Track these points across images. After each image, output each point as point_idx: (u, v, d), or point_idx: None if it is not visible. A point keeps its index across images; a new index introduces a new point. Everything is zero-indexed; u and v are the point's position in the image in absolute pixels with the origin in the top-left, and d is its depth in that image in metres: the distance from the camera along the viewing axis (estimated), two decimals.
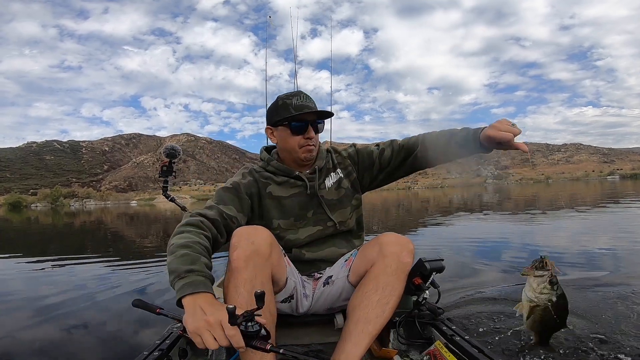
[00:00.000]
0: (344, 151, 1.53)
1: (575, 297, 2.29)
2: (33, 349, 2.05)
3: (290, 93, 1.38)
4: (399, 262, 1.22)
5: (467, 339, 1.22)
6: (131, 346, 2.00)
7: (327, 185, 1.43)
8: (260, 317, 0.89)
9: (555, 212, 9.49)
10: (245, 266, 1.05)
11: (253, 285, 1.04)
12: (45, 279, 4.07)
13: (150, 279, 3.67)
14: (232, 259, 1.07)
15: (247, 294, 1.03)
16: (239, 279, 1.05)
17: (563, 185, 50.98)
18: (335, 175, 1.47)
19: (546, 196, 19.18)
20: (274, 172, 1.40)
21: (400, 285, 1.23)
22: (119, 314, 2.59)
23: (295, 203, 1.39)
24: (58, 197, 75.51)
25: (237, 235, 1.11)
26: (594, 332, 1.82)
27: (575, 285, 2.60)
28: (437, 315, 1.38)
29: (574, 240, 4.93)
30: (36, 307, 2.85)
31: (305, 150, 1.36)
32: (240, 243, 1.08)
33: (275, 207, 1.37)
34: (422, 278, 1.34)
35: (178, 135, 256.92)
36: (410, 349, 1.38)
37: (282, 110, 1.34)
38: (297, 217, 1.38)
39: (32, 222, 18.56)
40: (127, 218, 18.46)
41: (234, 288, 1.05)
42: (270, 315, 1.07)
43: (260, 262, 1.07)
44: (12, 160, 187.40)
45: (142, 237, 8.79)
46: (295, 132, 1.34)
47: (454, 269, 3.51)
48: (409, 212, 13.44)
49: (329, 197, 1.43)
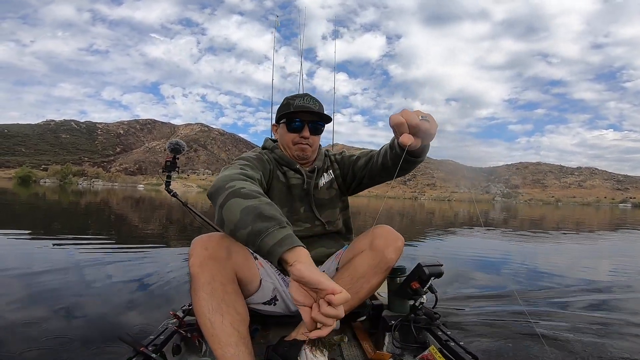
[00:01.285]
0: (333, 156, 1.64)
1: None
2: (20, 331, 1.94)
3: (297, 95, 1.49)
4: (382, 257, 1.26)
5: (461, 345, 1.23)
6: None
7: (319, 184, 1.52)
8: (230, 316, 1.03)
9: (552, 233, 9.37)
10: (202, 271, 1.08)
11: (212, 287, 1.07)
12: (42, 257, 4.02)
13: (149, 265, 3.66)
14: (189, 266, 1.11)
15: (208, 297, 1.06)
16: (198, 284, 1.08)
17: (572, 209, 50.27)
18: (328, 176, 1.56)
19: (553, 219, 18.90)
20: (278, 160, 1.49)
21: (376, 279, 1.28)
22: (114, 303, 2.51)
23: (291, 195, 1.47)
24: (67, 175, 76.29)
25: (193, 243, 1.14)
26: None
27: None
28: (434, 320, 1.38)
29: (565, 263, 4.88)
30: (29, 286, 2.79)
31: (298, 149, 1.46)
32: (195, 251, 1.11)
33: (278, 191, 1.45)
34: (420, 283, 1.36)
35: (192, 124, 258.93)
36: (405, 353, 1.38)
37: (283, 109, 1.48)
38: (290, 208, 1.46)
39: (39, 198, 18.80)
40: (132, 201, 18.64)
41: (195, 292, 1.08)
42: (238, 314, 1.08)
43: (216, 265, 1.09)
44: (29, 136, 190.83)
45: (145, 222, 8.88)
46: (291, 129, 1.45)
47: (454, 276, 3.52)
48: (412, 221, 13.38)
49: (320, 196, 1.52)
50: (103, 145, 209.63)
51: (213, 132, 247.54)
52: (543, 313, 2.49)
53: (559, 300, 2.81)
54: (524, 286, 3.31)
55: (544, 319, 2.37)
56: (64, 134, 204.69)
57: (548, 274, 3.94)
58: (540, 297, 2.91)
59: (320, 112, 1.45)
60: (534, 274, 3.91)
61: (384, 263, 1.27)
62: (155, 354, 1.12)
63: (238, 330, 1.05)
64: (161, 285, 2.97)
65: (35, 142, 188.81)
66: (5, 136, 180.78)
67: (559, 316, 2.43)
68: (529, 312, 2.50)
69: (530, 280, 3.57)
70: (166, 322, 1.37)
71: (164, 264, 3.76)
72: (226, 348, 1.02)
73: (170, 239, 6.08)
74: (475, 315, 2.38)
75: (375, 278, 1.27)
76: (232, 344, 1.03)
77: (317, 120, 1.46)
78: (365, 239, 1.32)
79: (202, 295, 1.06)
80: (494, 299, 2.81)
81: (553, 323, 2.26)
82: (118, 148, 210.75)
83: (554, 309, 2.58)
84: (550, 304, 2.73)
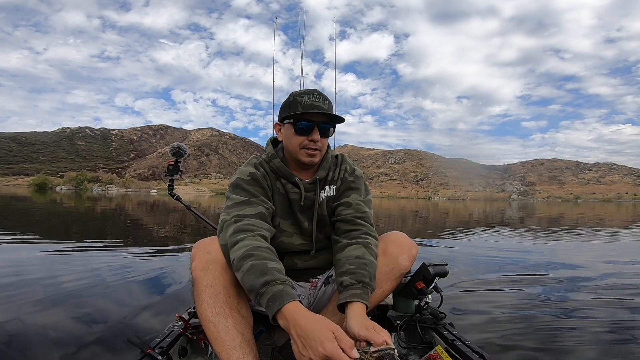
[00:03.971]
0: (343, 170, 1.41)
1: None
2: (39, 333, 1.99)
3: (304, 90, 1.29)
4: (396, 264, 1.25)
5: (468, 344, 1.22)
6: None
7: (322, 197, 1.35)
8: (233, 319, 1.04)
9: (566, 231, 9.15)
10: (204, 275, 1.08)
11: (215, 290, 1.07)
12: (61, 261, 4.10)
13: (164, 269, 3.69)
14: (191, 269, 1.11)
15: (210, 300, 1.06)
16: (200, 287, 1.08)
17: (592, 205, 49.06)
18: (329, 190, 1.37)
19: (571, 216, 18.48)
20: (275, 172, 1.34)
21: (389, 285, 1.26)
22: (122, 305, 2.55)
23: (292, 209, 1.34)
24: (82, 181, 77.96)
25: (195, 246, 1.14)
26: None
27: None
28: (439, 319, 1.37)
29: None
30: (49, 291, 2.82)
31: (306, 153, 1.27)
32: (197, 254, 1.12)
33: (281, 204, 1.34)
34: (425, 282, 1.35)
35: (203, 129, 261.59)
36: (411, 353, 1.37)
37: (290, 107, 1.27)
38: (293, 221, 1.34)
39: (56, 204, 19.22)
40: (146, 206, 18.92)
41: (197, 296, 1.08)
42: (241, 317, 1.08)
43: (218, 268, 1.09)
44: (46, 144, 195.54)
45: (153, 226, 8.99)
46: (299, 132, 1.25)
47: (460, 274, 3.47)
48: (426, 221, 13.24)
49: (323, 212, 1.35)
50: (117, 151, 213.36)
51: (224, 137, 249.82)
52: (552, 314, 2.44)
53: (576, 300, 2.75)
54: (536, 286, 3.24)
55: (554, 320, 2.32)
56: (80, 141, 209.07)
57: (563, 272, 3.85)
58: (552, 297, 2.85)
59: (330, 111, 1.26)
60: (547, 273, 3.82)
61: (397, 270, 1.26)
62: (162, 356, 1.13)
63: (242, 333, 1.05)
64: (168, 287, 3.00)
65: (52, 149, 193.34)
66: (24, 144, 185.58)
67: (574, 317, 2.37)
68: (539, 312, 2.45)
69: (543, 280, 3.50)
70: (172, 325, 1.38)
71: (171, 266, 3.81)
72: (230, 351, 1.01)
73: (177, 241, 6.14)
74: (483, 313, 2.36)
75: (388, 284, 1.26)
76: (236, 347, 1.02)
77: (328, 122, 1.27)
78: (379, 244, 1.27)
79: (204, 299, 1.06)
80: (504, 299, 2.77)
81: (565, 325, 2.22)
82: (132, 154, 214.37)
83: (568, 309, 2.51)
84: (564, 303, 2.67)
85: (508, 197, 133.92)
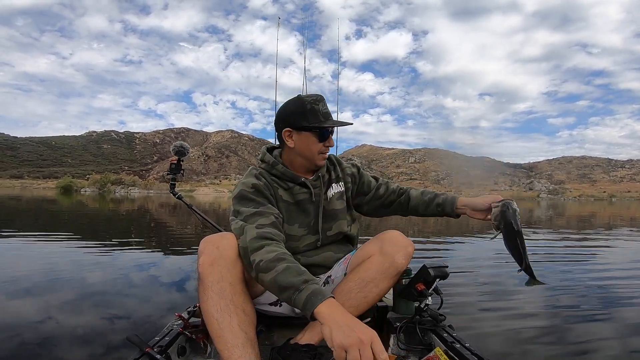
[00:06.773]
0: (347, 168, 1.56)
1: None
2: (28, 329, 2.04)
3: (314, 97, 1.31)
4: (392, 262, 1.25)
5: (467, 347, 1.20)
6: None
7: (329, 195, 1.45)
8: (238, 317, 1.04)
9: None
10: (211, 271, 1.08)
11: (221, 287, 1.07)
12: (86, 261, 4.21)
13: (165, 269, 3.77)
14: (198, 265, 1.11)
15: (216, 297, 1.06)
16: (207, 283, 1.08)
17: (628, 204, 46.95)
18: (337, 187, 1.49)
19: (603, 216, 17.78)
20: (280, 177, 1.38)
21: (385, 284, 1.26)
22: (127, 303, 2.60)
23: (301, 210, 1.39)
24: (106, 183, 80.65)
25: (203, 242, 1.14)
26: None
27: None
28: (439, 321, 1.36)
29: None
30: (78, 291, 2.92)
31: (322, 158, 1.37)
32: (206, 249, 1.12)
33: (286, 212, 1.36)
34: (425, 284, 1.34)
35: (223, 131, 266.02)
36: (410, 355, 1.35)
37: (311, 117, 1.28)
38: (300, 224, 1.38)
39: (81, 205, 19.88)
40: (169, 207, 19.38)
41: (203, 292, 1.08)
42: (246, 316, 1.09)
43: (226, 265, 1.09)
44: (74, 147, 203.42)
45: (182, 226, 9.19)
46: (322, 139, 1.33)
47: (464, 277, 3.41)
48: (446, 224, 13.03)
49: (330, 207, 1.44)
50: (141, 154, 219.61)
51: (243, 138, 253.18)
52: (556, 319, 2.37)
53: (583, 306, 2.67)
54: (541, 290, 3.12)
55: (557, 325, 2.25)
56: (105, 144, 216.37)
57: (568, 274, 3.71)
58: (557, 302, 2.76)
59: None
60: (552, 275, 3.70)
61: (394, 268, 1.27)
62: (161, 355, 1.14)
63: (245, 332, 1.05)
64: (168, 286, 3.05)
65: (80, 153, 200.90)
66: (53, 148, 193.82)
67: (578, 322, 2.31)
68: (542, 317, 2.39)
69: (546, 283, 3.38)
70: (171, 324, 1.39)
71: (172, 265, 3.87)
72: (233, 350, 1.01)
73: (179, 241, 6.25)
74: (484, 316, 2.35)
75: (385, 283, 1.27)
76: (238, 345, 1.02)
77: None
78: (375, 243, 1.31)
79: (210, 295, 1.06)
80: (505, 299, 2.75)
81: (568, 331, 2.15)
82: (155, 156, 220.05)
83: (573, 315, 2.44)
84: (570, 309, 2.59)
85: (537, 196, 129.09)
